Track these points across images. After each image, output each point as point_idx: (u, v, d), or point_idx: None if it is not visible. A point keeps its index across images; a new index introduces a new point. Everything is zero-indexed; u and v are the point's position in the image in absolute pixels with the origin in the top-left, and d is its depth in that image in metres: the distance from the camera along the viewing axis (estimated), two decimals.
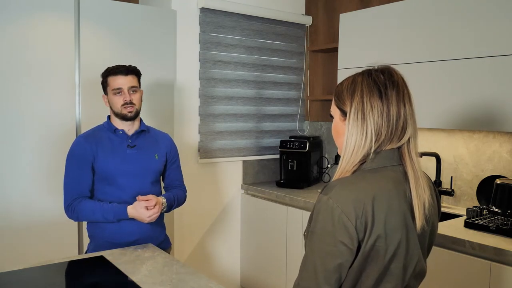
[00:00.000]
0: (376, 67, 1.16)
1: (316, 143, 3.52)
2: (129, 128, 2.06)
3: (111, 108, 2.04)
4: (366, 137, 1.09)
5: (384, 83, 1.11)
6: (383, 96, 1.10)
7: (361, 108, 1.10)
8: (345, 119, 1.14)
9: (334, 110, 1.19)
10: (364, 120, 1.10)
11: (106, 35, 2.72)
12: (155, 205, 1.96)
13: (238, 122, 3.42)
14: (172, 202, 2.12)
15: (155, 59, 2.91)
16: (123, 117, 2.01)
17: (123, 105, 1.99)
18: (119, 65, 2.03)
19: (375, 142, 1.10)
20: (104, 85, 2.04)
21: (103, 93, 2.07)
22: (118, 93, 1.99)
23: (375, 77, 1.12)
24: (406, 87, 1.14)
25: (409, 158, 1.13)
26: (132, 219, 2.00)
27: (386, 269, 1.07)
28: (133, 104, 2.01)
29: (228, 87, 3.35)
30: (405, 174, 1.12)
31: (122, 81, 1.99)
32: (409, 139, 1.13)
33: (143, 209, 1.94)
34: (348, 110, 1.13)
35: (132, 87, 2.01)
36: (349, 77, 1.18)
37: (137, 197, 1.97)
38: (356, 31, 2.89)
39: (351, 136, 1.11)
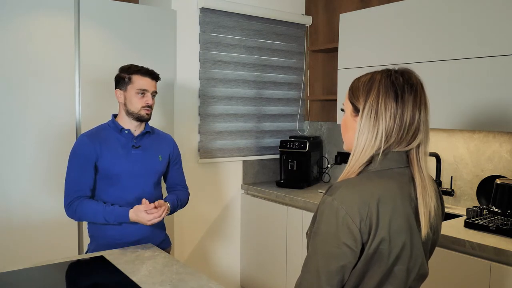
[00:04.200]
0: (396, 68, 1.14)
1: (316, 143, 3.52)
2: (136, 128, 2.06)
3: (125, 105, 2.02)
4: (376, 137, 1.08)
5: (402, 86, 1.09)
6: (399, 99, 1.08)
7: (375, 108, 1.08)
8: (356, 115, 1.13)
9: (347, 105, 1.17)
10: (376, 120, 1.08)
11: (106, 34, 2.72)
12: (159, 209, 1.94)
13: (238, 122, 3.42)
14: (176, 206, 2.12)
15: (155, 59, 2.91)
16: (139, 118, 2.02)
17: (143, 106, 2.00)
18: (146, 68, 2.04)
19: (384, 143, 1.08)
20: (125, 81, 2.01)
21: (115, 88, 2.04)
22: (142, 93, 2.00)
23: (394, 78, 1.10)
24: (424, 92, 1.12)
25: (417, 164, 1.11)
26: None
27: (390, 271, 1.06)
28: (151, 107, 2.04)
29: (228, 87, 3.35)
30: (411, 176, 1.11)
31: (149, 84, 2.01)
32: (419, 144, 1.11)
33: (143, 213, 1.91)
34: (361, 107, 1.11)
35: (154, 91, 2.05)
36: (367, 74, 1.16)
37: (142, 200, 1.95)
38: (356, 31, 2.89)
39: (362, 134, 1.10)
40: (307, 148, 3.32)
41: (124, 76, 2.02)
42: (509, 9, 2.16)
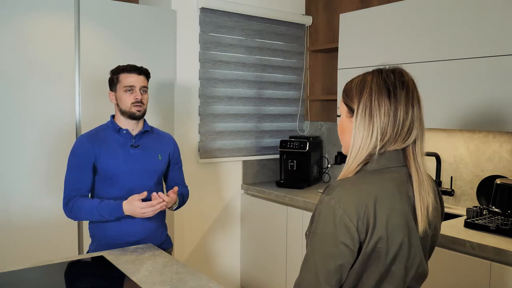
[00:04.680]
0: (387, 67, 1.16)
1: (316, 143, 3.52)
2: (134, 128, 2.06)
3: (118, 105, 2.03)
4: (372, 135, 1.09)
5: (394, 83, 1.11)
6: (391, 96, 1.09)
7: (369, 105, 1.10)
8: (352, 116, 1.14)
9: (342, 107, 1.19)
10: (371, 118, 1.09)
11: (106, 35, 2.72)
12: (155, 200, 1.89)
13: (238, 122, 3.42)
14: (181, 202, 2.13)
15: (155, 59, 2.91)
16: (131, 116, 2.01)
17: (133, 103, 1.99)
18: (132, 65, 2.04)
19: (380, 140, 1.09)
20: (114, 81, 2.03)
21: (109, 90, 2.06)
22: (130, 90, 2.00)
23: (385, 76, 1.12)
24: (416, 89, 1.14)
25: (413, 160, 1.12)
26: (134, 219, 1.99)
27: (388, 270, 1.07)
28: (143, 103, 2.02)
29: (228, 87, 3.35)
30: (409, 175, 1.12)
31: (135, 80, 2.00)
32: (415, 141, 1.12)
33: (137, 202, 1.85)
34: (355, 107, 1.12)
35: (144, 87, 2.04)
36: (359, 75, 1.17)
37: (152, 194, 1.91)
38: (356, 31, 2.89)
39: (358, 133, 1.11)
40: (307, 148, 3.32)
41: (113, 77, 2.03)
42: (509, 9, 2.16)
